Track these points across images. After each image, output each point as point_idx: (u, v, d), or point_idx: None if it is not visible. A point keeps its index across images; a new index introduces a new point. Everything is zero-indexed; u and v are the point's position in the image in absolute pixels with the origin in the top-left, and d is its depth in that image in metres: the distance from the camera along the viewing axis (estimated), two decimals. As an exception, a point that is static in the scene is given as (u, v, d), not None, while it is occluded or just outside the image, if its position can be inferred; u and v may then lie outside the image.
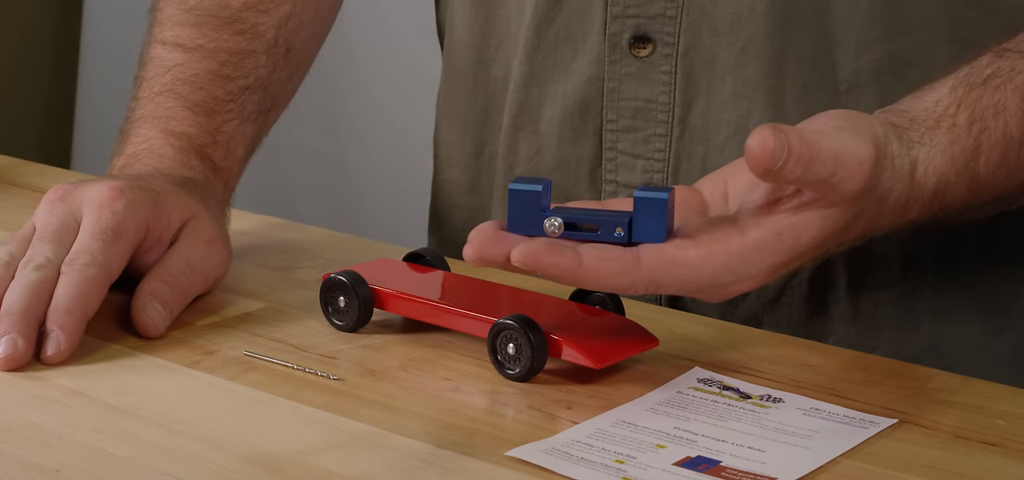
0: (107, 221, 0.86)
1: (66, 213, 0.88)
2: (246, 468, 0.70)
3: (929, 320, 0.98)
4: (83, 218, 0.87)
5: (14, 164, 1.26)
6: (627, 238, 0.77)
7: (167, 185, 0.93)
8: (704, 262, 0.76)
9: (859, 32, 0.94)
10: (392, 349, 0.85)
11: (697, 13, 0.96)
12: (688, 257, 0.76)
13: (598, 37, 0.99)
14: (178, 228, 0.91)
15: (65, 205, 0.88)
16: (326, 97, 2.25)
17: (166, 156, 0.98)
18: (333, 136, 2.31)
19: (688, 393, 0.80)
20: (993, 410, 0.79)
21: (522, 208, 0.78)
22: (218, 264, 0.92)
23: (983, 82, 0.85)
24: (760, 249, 0.77)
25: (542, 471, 0.70)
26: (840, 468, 0.72)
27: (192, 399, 0.78)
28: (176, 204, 0.91)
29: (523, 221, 0.78)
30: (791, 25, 0.94)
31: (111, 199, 0.87)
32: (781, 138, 0.73)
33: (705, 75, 0.97)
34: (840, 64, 0.94)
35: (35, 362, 0.82)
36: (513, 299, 0.87)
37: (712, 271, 0.76)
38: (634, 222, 0.77)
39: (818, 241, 0.78)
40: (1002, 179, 0.85)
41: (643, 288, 0.76)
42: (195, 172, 0.98)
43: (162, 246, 0.90)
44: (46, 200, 0.89)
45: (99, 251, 0.85)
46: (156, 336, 0.85)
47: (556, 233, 0.78)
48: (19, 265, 0.84)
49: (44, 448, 0.72)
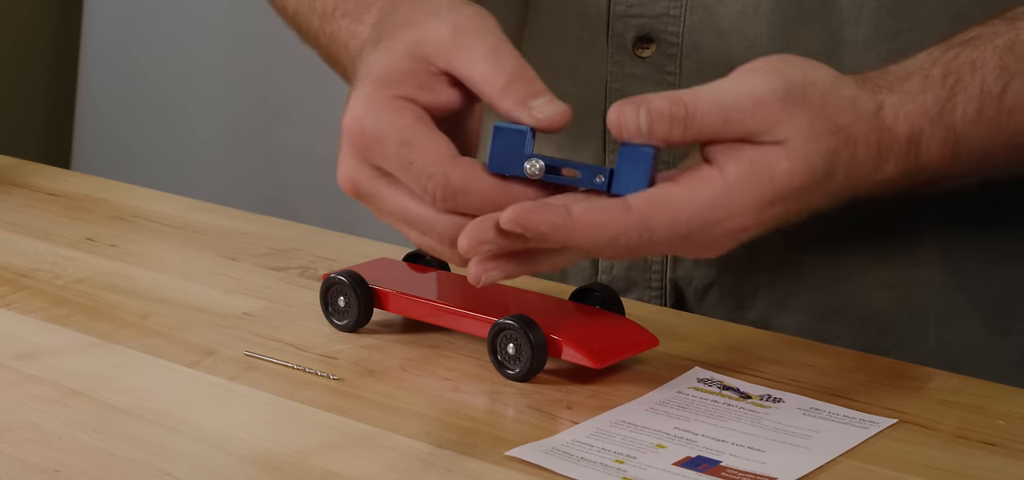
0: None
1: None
2: (246, 468, 0.70)
3: (936, 323, 0.98)
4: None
5: (14, 164, 1.26)
6: (607, 186, 0.77)
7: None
8: (690, 199, 0.75)
9: (865, 30, 0.94)
10: (392, 349, 0.85)
11: (701, 13, 0.96)
12: (673, 195, 0.75)
13: (601, 38, 0.98)
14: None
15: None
16: (326, 97, 2.25)
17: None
18: (333, 136, 2.30)
19: (688, 393, 0.80)
20: (993, 410, 0.79)
21: (505, 146, 0.78)
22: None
23: (961, 43, 0.85)
24: (740, 181, 0.76)
25: (542, 471, 0.70)
26: (840, 468, 0.72)
27: (192, 399, 0.78)
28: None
29: (505, 159, 0.77)
30: (797, 24, 0.94)
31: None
32: (634, 109, 0.75)
33: (710, 74, 0.96)
34: (846, 62, 0.94)
35: (34, 361, 0.82)
36: (513, 299, 0.87)
37: (699, 208, 0.75)
38: (616, 171, 0.77)
39: (795, 177, 0.77)
40: (982, 136, 0.84)
41: (636, 236, 0.75)
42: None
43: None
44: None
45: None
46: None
47: (536, 175, 0.77)
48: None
49: (44, 448, 0.72)
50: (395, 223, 0.81)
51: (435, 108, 0.80)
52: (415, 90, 0.80)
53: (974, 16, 0.93)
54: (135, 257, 1.02)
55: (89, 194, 1.17)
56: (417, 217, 0.79)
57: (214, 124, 2.29)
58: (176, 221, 1.11)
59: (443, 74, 0.80)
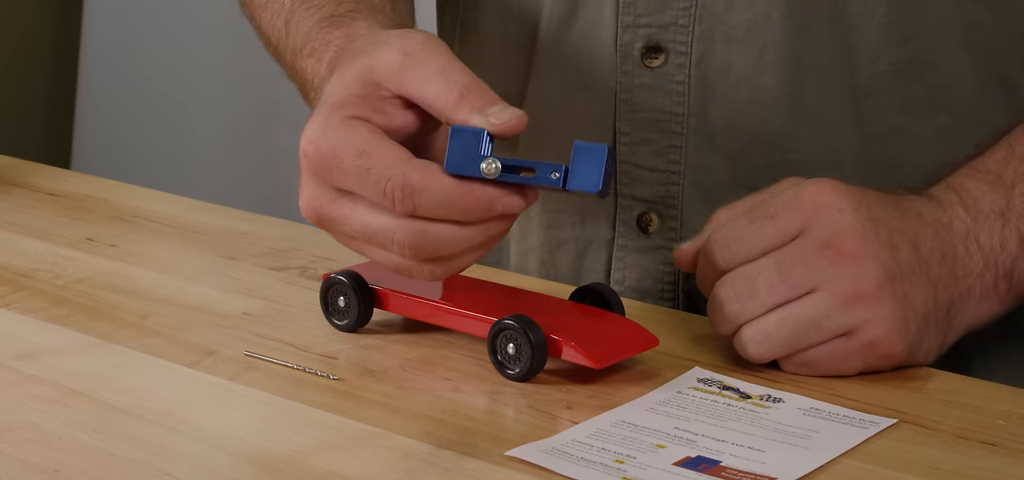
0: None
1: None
2: (246, 468, 0.70)
3: None
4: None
5: (14, 164, 1.26)
6: (562, 183, 0.77)
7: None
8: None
9: (875, 36, 0.93)
10: (392, 349, 0.85)
11: (710, 21, 0.95)
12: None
13: (610, 49, 0.98)
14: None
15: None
16: (326, 97, 2.25)
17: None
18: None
19: (688, 393, 0.80)
20: (993, 410, 0.79)
21: (462, 147, 0.78)
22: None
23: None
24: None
25: (542, 471, 0.70)
26: (840, 468, 0.72)
27: (192, 399, 0.78)
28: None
29: (462, 160, 0.78)
30: (807, 31, 0.94)
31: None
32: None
33: (720, 84, 0.96)
34: (857, 69, 0.94)
35: (34, 361, 0.82)
36: (513, 299, 0.87)
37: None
38: (571, 168, 0.77)
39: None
40: None
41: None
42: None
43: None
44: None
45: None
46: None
47: (493, 174, 0.77)
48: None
49: (44, 448, 0.72)
50: (356, 244, 0.82)
51: (389, 130, 0.81)
52: (368, 112, 0.81)
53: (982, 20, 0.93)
54: (135, 257, 1.02)
55: (89, 194, 1.17)
56: (378, 230, 0.79)
57: (214, 124, 2.29)
58: (176, 221, 1.11)
59: (396, 98, 0.81)
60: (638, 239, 0.99)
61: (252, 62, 2.23)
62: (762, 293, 0.80)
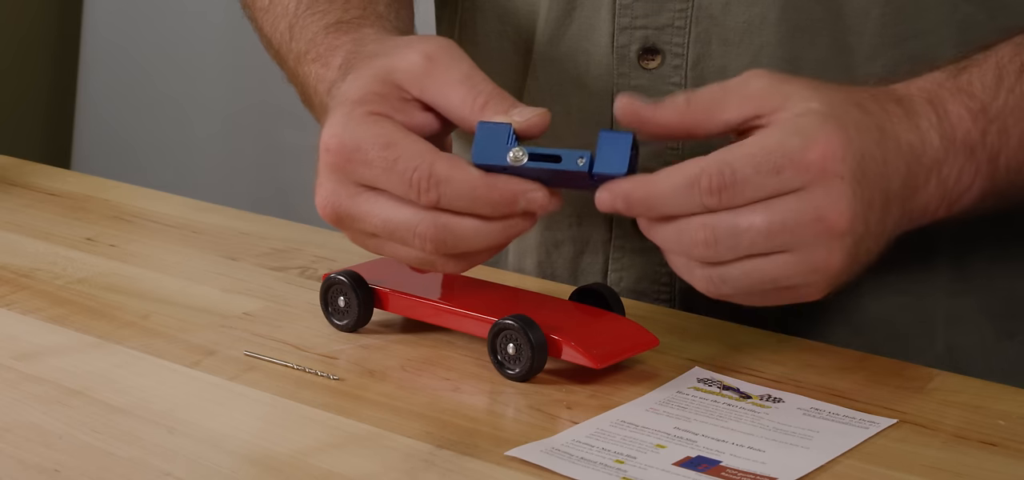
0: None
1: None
2: (246, 468, 0.70)
3: (944, 326, 0.98)
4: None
5: (14, 164, 1.26)
6: (589, 168, 0.78)
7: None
8: (753, 139, 0.78)
9: (871, 37, 0.93)
10: (392, 349, 0.85)
11: (706, 23, 0.95)
12: (736, 143, 0.79)
13: (606, 50, 0.98)
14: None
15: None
16: (326, 97, 2.25)
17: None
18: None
19: (688, 393, 0.80)
20: (993, 410, 0.79)
21: (489, 139, 0.79)
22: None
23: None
24: (789, 123, 0.79)
25: (542, 471, 0.71)
26: (840, 468, 0.72)
27: (192, 399, 0.78)
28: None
29: (488, 151, 0.79)
30: (803, 33, 0.94)
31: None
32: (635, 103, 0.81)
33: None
34: (853, 70, 0.94)
35: (34, 361, 0.82)
36: (513, 299, 0.87)
37: (768, 137, 0.78)
38: (597, 154, 0.78)
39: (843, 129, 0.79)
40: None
41: (717, 176, 0.76)
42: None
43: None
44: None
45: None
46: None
47: (520, 162, 0.79)
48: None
49: (44, 448, 0.72)
50: (375, 241, 0.82)
51: (410, 128, 0.82)
52: (390, 110, 0.82)
53: (977, 20, 0.93)
54: (135, 257, 1.02)
55: (89, 194, 1.17)
56: (400, 223, 0.80)
57: (214, 124, 2.29)
58: (176, 221, 1.11)
59: (415, 101, 0.82)
60: (635, 239, 0.99)
61: (253, 62, 2.23)
62: (743, 248, 0.79)
